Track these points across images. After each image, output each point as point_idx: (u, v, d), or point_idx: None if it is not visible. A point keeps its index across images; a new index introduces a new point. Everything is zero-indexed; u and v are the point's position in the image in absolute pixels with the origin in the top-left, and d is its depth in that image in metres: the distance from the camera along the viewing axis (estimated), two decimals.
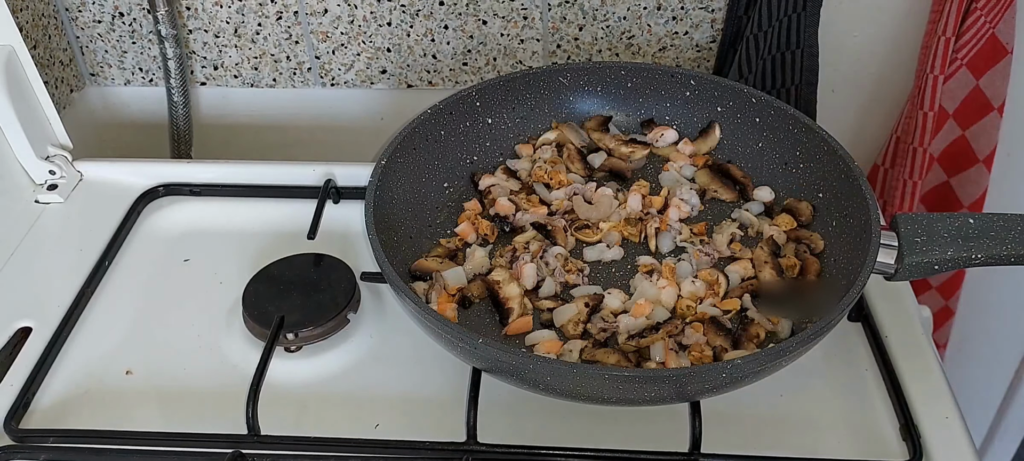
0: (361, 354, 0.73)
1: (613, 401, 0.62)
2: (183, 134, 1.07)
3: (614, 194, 0.81)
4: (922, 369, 0.70)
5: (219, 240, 0.85)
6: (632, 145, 0.85)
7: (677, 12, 0.99)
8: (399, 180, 0.78)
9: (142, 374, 0.72)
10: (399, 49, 1.04)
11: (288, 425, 0.67)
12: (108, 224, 0.84)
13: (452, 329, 0.62)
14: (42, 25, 1.01)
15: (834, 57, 1.01)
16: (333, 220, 0.84)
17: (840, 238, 0.74)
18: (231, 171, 0.90)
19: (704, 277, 0.73)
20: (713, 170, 0.83)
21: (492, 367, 0.64)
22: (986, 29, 0.94)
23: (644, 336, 0.68)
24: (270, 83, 1.09)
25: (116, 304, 0.78)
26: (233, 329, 0.75)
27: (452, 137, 0.84)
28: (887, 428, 0.67)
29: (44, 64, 1.01)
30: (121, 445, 0.66)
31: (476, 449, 0.64)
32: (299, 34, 1.04)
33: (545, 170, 0.83)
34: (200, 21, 1.04)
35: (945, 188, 1.06)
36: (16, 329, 0.75)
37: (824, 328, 0.62)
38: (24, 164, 0.89)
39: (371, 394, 0.70)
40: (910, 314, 0.75)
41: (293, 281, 0.75)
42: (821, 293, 0.72)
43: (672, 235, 0.78)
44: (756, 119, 0.83)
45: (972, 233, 0.67)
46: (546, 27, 1.01)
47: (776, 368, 0.63)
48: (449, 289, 0.73)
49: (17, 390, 0.69)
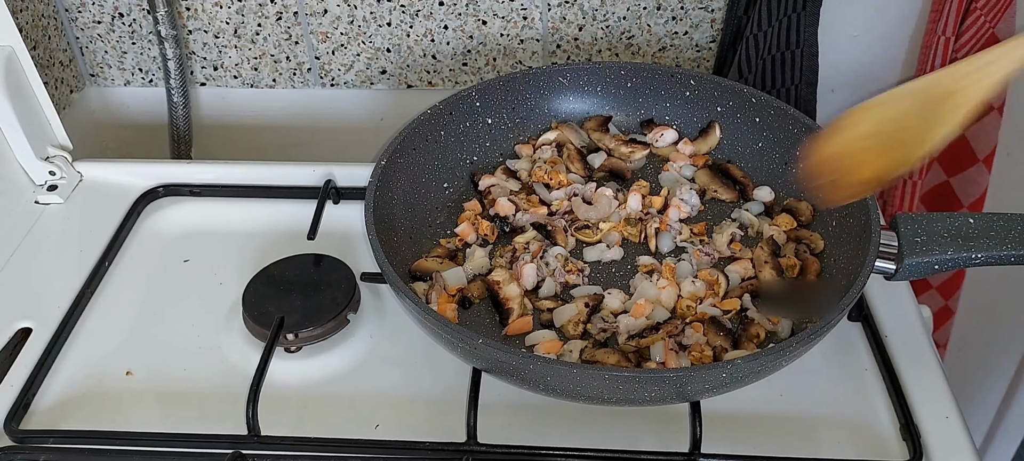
0: (361, 354, 0.73)
1: (613, 401, 0.62)
2: (183, 135, 1.07)
3: (614, 194, 0.81)
4: (922, 369, 0.70)
5: (219, 240, 0.85)
6: (632, 145, 0.85)
7: (677, 12, 0.99)
8: (399, 180, 0.78)
9: (142, 374, 0.72)
10: (399, 49, 1.04)
11: (288, 426, 0.67)
12: (108, 225, 0.84)
13: (452, 329, 0.62)
14: (42, 26, 1.01)
15: (834, 57, 1.01)
16: (333, 220, 0.84)
17: (840, 238, 0.74)
18: (231, 171, 0.90)
19: (704, 277, 0.73)
20: (713, 170, 0.83)
21: (492, 367, 0.64)
22: (986, 29, 0.94)
23: (644, 336, 0.68)
24: (270, 84, 1.09)
25: (116, 305, 0.78)
26: (233, 329, 0.75)
27: (452, 137, 0.84)
28: (887, 428, 0.67)
29: (44, 65, 1.01)
30: (121, 446, 0.66)
31: (476, 449, 0.64)
32: (299, 34, 1.04)
33: (545, 170, 0.83)
34: (200, 21, 1.04)
35: (945, 188, 1.06)
36: (16, 330, 0.75)
37: (824, 328, 0.62)
38: (24, 165, 0.89)
39: (371, 394, 0.70)
40: (910, 314, 0.75)
41: (293, 281, 0.75)
42: (821, 293, 0.72)
43: (672, 235, 0.78)
44: (756, 119, 0.83)
45: (972, 233, 0.67)
46: (546, 27, 1.01)
47: (776, 368, 0.63)
48: (449, 289, 0.73)
49: (17, 391, 0.69)
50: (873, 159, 0.50)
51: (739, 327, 0.70)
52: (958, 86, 0.47)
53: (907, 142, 0.49)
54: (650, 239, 0.77)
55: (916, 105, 0.48)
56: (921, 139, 0.49)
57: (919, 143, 0.49)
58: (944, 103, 0.47)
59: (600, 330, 0.69)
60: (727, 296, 0.72)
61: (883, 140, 0.50)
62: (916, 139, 0.49)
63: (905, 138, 0.49)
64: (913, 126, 0.48)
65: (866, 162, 0.51)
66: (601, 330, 0.69)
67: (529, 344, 0.70)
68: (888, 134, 0.49)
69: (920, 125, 0.48)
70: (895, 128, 0.49)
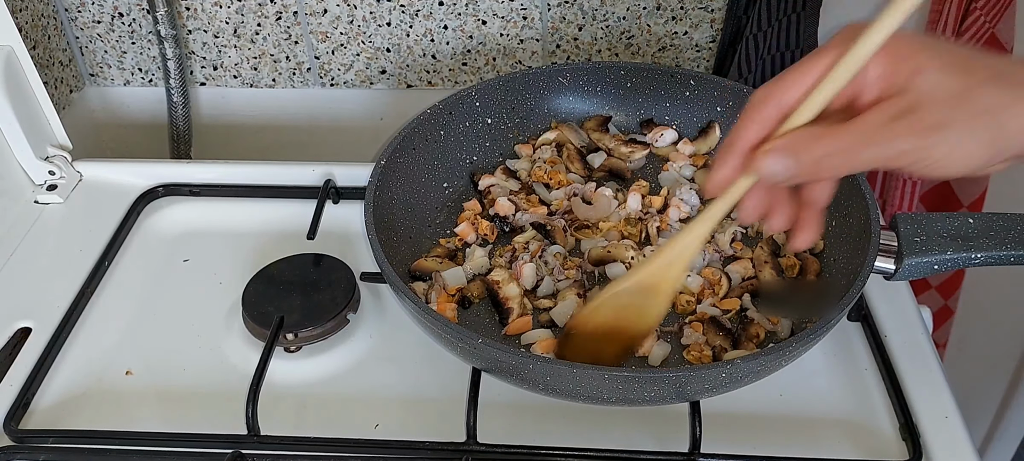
0: (361, 354, 0.73)
1: (613, 401, 0.62)
2: (182, 134, 1.07)
3: (613, 194, 0.81)
4: (922, 369, 0.70)
5: (219, 240, 0.85)
6: (632, 145, 0.85)
7: (676, 12, 0.99)
8: (399, 180, 0.78)
9: (142, 374, 0.72)
10: (398, 49, 1.04)
11: (288, 425, 0.67)
12: (108, 224, 0.84)
13: (452, 329, 0.62)
14: (42, 25, 1.01)
15: None
16: (333, 220, 0.84)
17: (840, 238, 0.74)
18: (230, 171, 0.90)
19: (706, 275, 0.73)
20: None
21: (492, 367, 0.64)
22: (986, 29, 0.94)
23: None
24: (269, 83, 1.09)
25: (116, 304, 0.78)
26: (233, 329, 0.75)
27: (452, 137, 0.84)
28: (887, 428, 0.67)
29: (43, 64, 1.01)
30: (121, 445, 0.65)
31: (476, 449, 0.64)
32: (298, 34, 1.04)
33: (545, 170, 0.83)
34: (199, 21, 1.04)
35: (945, 188, 1.06)
36: (16, 329, 0.75)
37: (824, 328, 0.62)
38: (23, 165, 0.88)
39: (371, 394, 0.70)
40: (910, 314, 0.75)
41: (293, 281, 0.75)
42: (821, 293, 0.72)
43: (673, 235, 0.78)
44: None
45: (972, 233, 0.67)
46: (546, 27, 1.01)
47: (776, 368, 0.63)
48: (448, 289, 0.73)
49: (17, 390, 0.69)
50: (614, 339, 0.63)
51: (739, 327, 0.70)
52: (660, 279, 0.59)
53: (634, 323, 0.62)
54: (652, 239, 0.77)
55: (634, 298, 0.60)
56: (644, 320, 0.62)
57: (644, 322, 0.62)
58: (652, 294, 0.60)
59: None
60: (727, 296, 0.72)
61: (616, 322, 0.62)
62: (640, 320, 0.62)
63: (631, 321, 0.62)
64: (636, 312, 0.61)
65: (609, 340, 0.63)
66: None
67: (526, 343, 0.70)
68: (620, 320, 0.62)
69: (641, 310, 0.61)
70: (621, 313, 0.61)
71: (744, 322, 0.70)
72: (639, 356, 0.67)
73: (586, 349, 0.63)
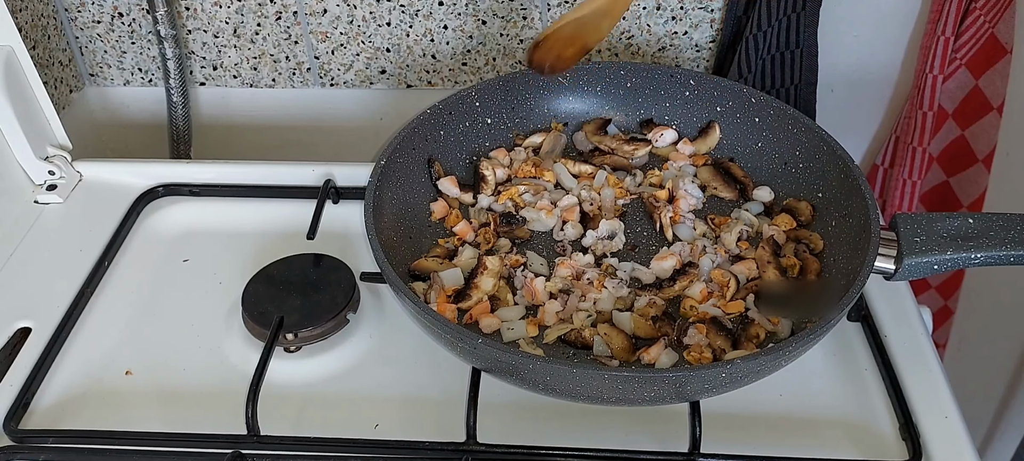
0: (361, 354, 0.73)
1: (612, 401, 0.62)
2: (182, 134, 1.07)
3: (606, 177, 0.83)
4: (922, 369, 0.70)
5: (218, 240, 0.85)
6: (634, 142, 0.85)
7: (676, 12, 0.99)
8: (399, 180, 0.78)
9: (142, 374, 0.72)
10: (398, 49, 1.04)
11: (288, 425, 0.67)
12: (107, 224, 0.84)
13: (452, 329, 0.62)
14: (41, 25, 1.01)
15: (834, 57, 1.01)
16: (332, 220, 0.84)
17: (840, 238, 0.74)
18: (230, 171, 0.90)
19: (715, 277, 0.73)
20: (715, 168, 0.83)
21: (492, 367, 0.64)
22: (985, 29, 0.94)
23: (663, 287, 0.73)
24: (269, 83, 1.09)
25: (116, 304, 0.78)
26: (233, 329, 0.75)
27: (452, 137, 0.84)
28: (887, 428, 0.67)
29: (43, 64, 1.01)
30: (121, 445, 0.65)
31: (476, 449, 0.64)
32: (298, 34, 1.04)
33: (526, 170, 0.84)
34: (199, 21, 1.04)
35: (945, 188, 1.06)
36: (16, 329, 0.75)
37: (824, 328, 0.62)
38: (23, 164, 0.88)
39: (371, 394, 0.70)
40: (910, 314, 0.75)
41: (292, 281, 0.75)
42: (821, 293, 0.72)
43: (689, 225, 0.78)
44: (756, 119, 0.83)
45: (972, 233, 0.67)
46: (545, 27, 1.01)
47: (776, 368, 0.63)
48: (447, 289, 0.73)
49: (17, 390, 0.69)
50: (574, 43, 0.77)
51: (739, 327, 0.69)
52: (614, 5, 0.76)
53: (590, 33, 0.77)
54: (666, 229, 0.77)
55: (593, 15, 0.76)
56: (598, 31, 0.77)
57: (596, 33, 0.77)
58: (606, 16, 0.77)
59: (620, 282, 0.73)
60: (734, 298, 0.72)
61: (577, 31, 0.77)
62: (595, 31, 0.77)
63: (588, 31, 0.77)
64: (592, 25, 0.77)
65: (571, 44, 0.77)
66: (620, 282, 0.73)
67: (489, 330, 0.70)
68: (580, 28, 0.76)
69: (597, 24, 0.77)
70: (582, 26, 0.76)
71: (744, 322, 0.70)
72: (646, 363, 0.67)
73: (553, 51, 0.77)
